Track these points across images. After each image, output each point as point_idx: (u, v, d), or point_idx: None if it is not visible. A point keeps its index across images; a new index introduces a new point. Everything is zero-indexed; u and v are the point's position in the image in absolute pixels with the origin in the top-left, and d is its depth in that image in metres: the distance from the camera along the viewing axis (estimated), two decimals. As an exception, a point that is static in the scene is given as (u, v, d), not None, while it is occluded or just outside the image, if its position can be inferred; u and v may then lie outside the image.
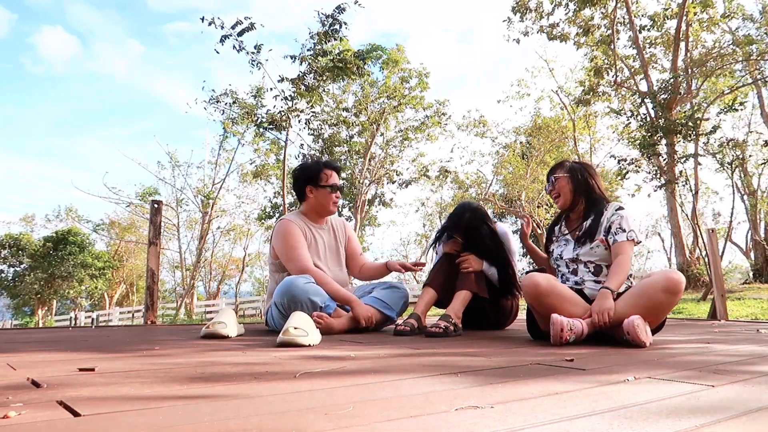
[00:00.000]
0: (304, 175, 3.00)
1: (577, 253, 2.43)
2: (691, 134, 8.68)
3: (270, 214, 18.01)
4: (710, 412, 0.96)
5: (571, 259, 2.45)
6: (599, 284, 2.35)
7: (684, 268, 13.51)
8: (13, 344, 2.20)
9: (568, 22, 15.72)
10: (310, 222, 3.02)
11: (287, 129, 10.62)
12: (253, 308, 19.85)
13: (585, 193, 2.53)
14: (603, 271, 2.38)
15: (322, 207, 3.00)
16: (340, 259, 3.10)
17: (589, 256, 2.40)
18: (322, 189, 2.97)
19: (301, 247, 2.85)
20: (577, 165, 2.60)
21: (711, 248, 5.23)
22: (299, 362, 1.59)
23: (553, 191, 2.59)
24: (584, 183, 2.53)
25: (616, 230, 2.36)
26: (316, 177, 2.97)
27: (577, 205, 2.54)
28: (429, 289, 2.84)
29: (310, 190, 2.98)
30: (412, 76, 16.08)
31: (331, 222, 3.12)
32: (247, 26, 9.03)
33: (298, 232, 2.90)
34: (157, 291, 4.37)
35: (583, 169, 2.57)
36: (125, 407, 0.97)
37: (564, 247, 2.51)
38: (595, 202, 2.50)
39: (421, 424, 0.87)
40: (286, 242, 2.85)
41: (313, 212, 3.03)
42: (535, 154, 18.93)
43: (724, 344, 2.25)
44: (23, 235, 27.04)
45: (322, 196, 2.97)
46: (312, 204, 3.00)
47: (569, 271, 2.47)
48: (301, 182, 3.00)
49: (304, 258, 2.82)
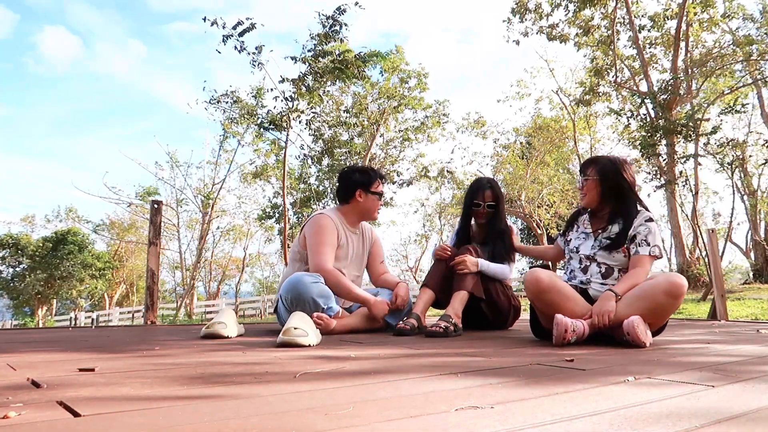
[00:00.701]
0: (358, 179, 3.02)
1: (594, 252, 2.40)
2: (691, 135, 8.69)
3: (270, 215, 18.01)
4: (710, 412, 0.96)
5: (587, 255, 2.42)
6: (605, 287, 2.32)
7: (684, 269, 13.51)
8: (13, 344, 2.20)
9: (568, 23, 15.72)
10: (347, 224, 3.03)
11: (288, 129, 10.62)
12: (253, 308, 19.86)
13: (614, 197, 2.42)
14: (613, 274, 2.36)
15: (368, 212, 3.05)
16: (361, 266, 3.13)
17: (605, 259, 2.37)
18: (372, 195, 3.02)
19: (330, 245, 2.86)
20: (611, 165, 2.44)
21: (711, 248, 5.23)
22: (299, 362, 1.59)
23: (581, 189, 2.49)
24: (615, 186, 2.41)
25: (640, 242, 2.30)
26: (370, 183, 3.01)
27: (604, 208, 2.46)
28: (427, 289, 2.86)
29: (360, 193, 3.00)
30: (411, 76, 16.08)
31: (363, 228, 3.15)
32: (248, 26, 9.04)
33: (334, 230, 2.91)
34: (157, 291, 4.37)
35: (617, 169, 2.42)
36: (125, 407, 0.97)
37: (583, 242, 2.47)
38: (625, 207, 2.39)
39: (421, 424, 0.87)
40: (320, 235, 2.85)
41: (356, 215, 3.05)
42: (535, 155, 18.93)
43: (724, 344, 2.25)
44: (23, 235, 27.05)
45: (371, 201, 3.02)
46: (359, 207, 3.03)
47: (580, 267, 2.44)
48: (353, 184, 3.01)
49: (328, 257, 2.83)
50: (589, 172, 2.46)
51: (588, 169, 2.47)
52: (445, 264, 2.90)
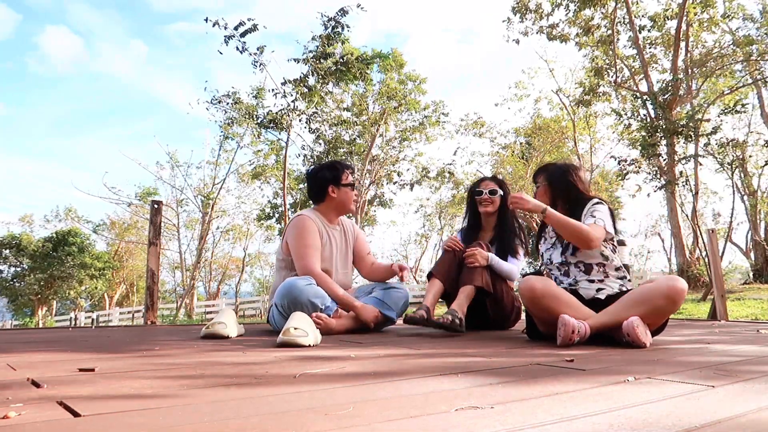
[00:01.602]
0: (327, 175, 3.04)
1: (564, 256, 2.44)
2: (691, 135, 8.69)
3: (269, 215, 18.02)
4: (710, 412, 0.96)
5: (560, 262, 2.46)
6: (593, 283, 2.36)
7: (684, 269, 13.52)
8: (13, 344, 2.20)
9: (568, 23, 15.73)
10: (326, 221, 3.04)
11: (288, 129, 10.63)
12: (253, 308, 19.84)
13: (564, 196, 2.50)
14: (593, 269, 2.38)
15: (344, 205, 3.05)
16: (347, 261, 3.13)
17: (578, 257, 2.41)
18: (344, 187, 3.02)
19: (314, 247, 2.86)
20: (557, 168, 2.56)
21: (711, 248, 5.23)
22: (299, 362, 1.59)
23: (535, 197, 2.56)
24: (563, 187, 2.50)
25: (586, 216, 2.37)
26: (338, 177, 3.03)
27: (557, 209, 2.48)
28: (435, 280, 2.88)
29: (332, 189, 3.01)
30: (410, 79, 16.11)
31: (343, 223, 3.16)
32: (250, 27, 9.06)
33: (315, 230, 2.91)
34: (157, 291, 4.37)
35: (563, 171, 2.53)
36: (125, 407, 0.97)
37: (552, 251, 2.52)
38: (575, 203, 2.46)
39: (421, 424, 0.87)
40: (302, 239, 2.86)
41: (333, 211, 3.06)
42: (535, 155, 18.93)
43: (724, 344, 2.25)
44: (24, 235, 27.04)
45: (344, 194, 3.03)
46: (334, 203, 3.04)
47: (561, 273, 2.48)
48: (323, 182, 3.03)
49: (315, 260, 2.84)
50: (539, 180, 2.58)
51: (538, 177, 2.60)
52: (453, 254, 2.93)
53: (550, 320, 2.16)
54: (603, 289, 2.35)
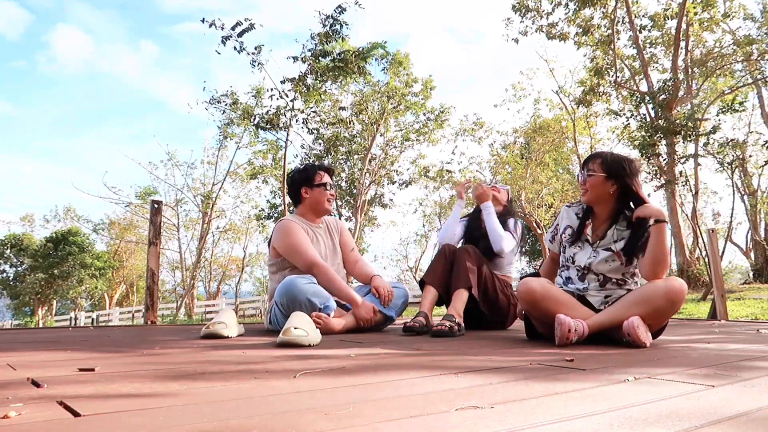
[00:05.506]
0: (298, 177, 3.12)
1: (590, 262, 2.31)
2: (691, 135, 8.69)
3: (268, 215, 18.01)
4: (710, 412, 0.96)
5: (583, 266, 2.34)
6: (602, 292, 2.29)
7: (684, 268, 13.51)
8: (13, 344, 2.20)
9: (568, 22, 15.71)
10: (308, 222, 3.09)
11: (287, 129, 10.63)
12: (253, 308, 19.83)
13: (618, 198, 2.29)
14: (608, 283, 2.29)
15: (318, 204, 3.10)
16: (337, 256, 3.16)
17: (600, 267, 2.30)
18: (316, 188, 3.08)
19: (305, 242, 2.91)
20: (617, 163, 2.28)
21: (711, 248, 5.23)
22: (299, 362, 1.59)
23: (583, 184, 2.32)
24: (622, 185, 2.26)
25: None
26: (310, 178, 3.09)
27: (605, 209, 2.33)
28: (430, 288, 2.90)
29: (305, 191, 3.08)
30: (417, 81, 16.05)
31: (326, 221, 3.21)
32: (247, 27, 9.05)
33: (300, 229, 2.96)
34: (157, 291, 4.37)
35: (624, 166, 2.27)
36: (125, 407, 0.97)
37: (579, 251, 2.36)
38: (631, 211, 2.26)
39: (421, 424, 0.87)
40: (290, 239, 2.90)
41: (310, 212, 3.12)
42: (535, 155, 18.93)
43: (724, 344, 2.25)
44: (25, 235, 27.05)
45: (318, 194, 3.08)
46: (308, 204, 3.10)
47: (577, 276, 2.36)
48: (296, 185, 3.11)
49: (312, 252, 2.88)
50: (593, 166, 2.29)
51: (589, 164, 2.32)
52: (445, 258, 2.96)
53: (549, 322, 2.15)
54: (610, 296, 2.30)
